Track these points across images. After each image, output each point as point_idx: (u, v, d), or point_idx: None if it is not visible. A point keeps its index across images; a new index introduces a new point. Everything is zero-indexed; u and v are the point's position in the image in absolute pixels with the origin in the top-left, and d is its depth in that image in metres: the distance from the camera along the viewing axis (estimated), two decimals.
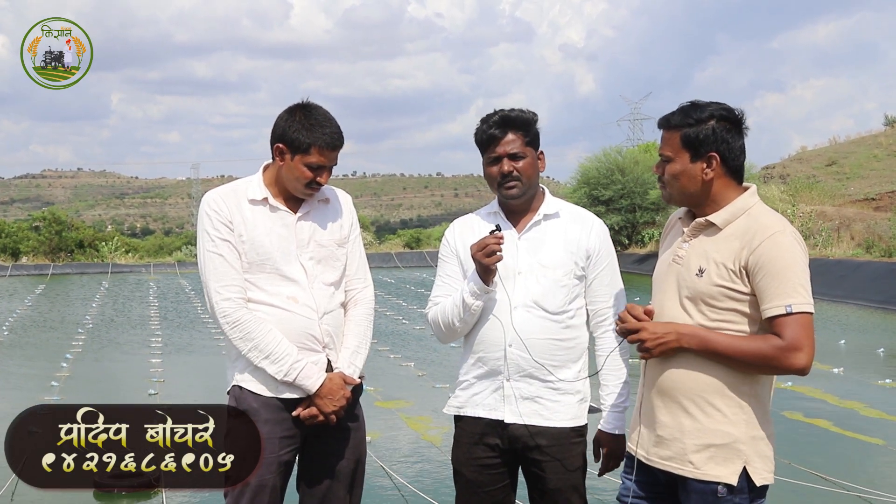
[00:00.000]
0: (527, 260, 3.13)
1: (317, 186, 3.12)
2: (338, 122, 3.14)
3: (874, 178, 38.56)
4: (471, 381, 3.20)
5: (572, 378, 3.12)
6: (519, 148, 3.10)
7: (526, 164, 3.11)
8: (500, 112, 3.14)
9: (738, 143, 2.69)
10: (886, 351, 12.53)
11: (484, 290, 3.04)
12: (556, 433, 3.09)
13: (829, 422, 8.08)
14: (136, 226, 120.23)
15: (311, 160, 3.06)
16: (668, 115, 2.75)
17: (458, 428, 3.25)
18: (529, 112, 3.15)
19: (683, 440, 2.64)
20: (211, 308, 3.11)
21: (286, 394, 3.09)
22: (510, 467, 3.19)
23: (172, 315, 18.24)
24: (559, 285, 3.11)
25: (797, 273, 2.54)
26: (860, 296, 19.58)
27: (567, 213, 3.23)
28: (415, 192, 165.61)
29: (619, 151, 37.69)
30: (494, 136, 3.11)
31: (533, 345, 3.07)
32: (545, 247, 3.15)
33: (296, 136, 3.06)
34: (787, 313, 2.51)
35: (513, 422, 3.09)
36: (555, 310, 3.10)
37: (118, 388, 10.41)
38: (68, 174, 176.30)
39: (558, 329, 3.11)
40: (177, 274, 31.72)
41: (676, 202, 2.78)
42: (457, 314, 3.12)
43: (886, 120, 47.93)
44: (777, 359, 2.53)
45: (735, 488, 2.59)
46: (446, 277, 3.26)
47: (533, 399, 3.10)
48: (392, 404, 9.01)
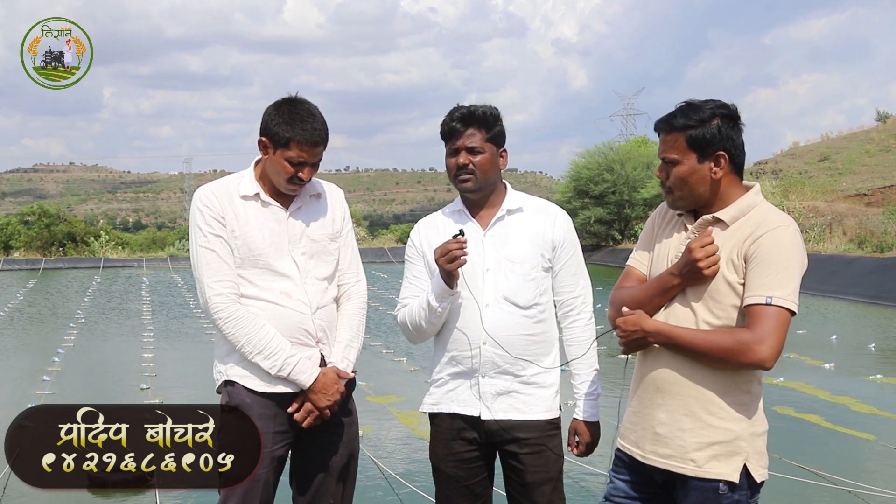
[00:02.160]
0: (493, 256, 3.15)
1: (298, 182, 3.10)
2: (323, 118, 3.12)
3: (866, 174, 38.65)
4: (445, 378, 3.21)
5: (545, 371, 3.14)
6: (478, 143, 3.14)
7: (483, 158, 3.15)
8: (465, 107, 3.18)
9: (740, 139, 2.68)
10: (878, 346, 12.57)
11: (448, 293, 3.06)
12: (533, 426, 3.12)
13: (820, 417, 8.11)
14: (129, 220, 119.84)
15: (290, 155, 3.05)
16: (667, 117, 2.70)
17: (435, 425, 3.26)
18: (493, 109, 3.19)
19: (684, 438, 2.62)
20: (204, 303, 3.10)
21: (279, 389, 3.09)
22: (488, 460, 3.22)
23: (165, 309, 18.21)
24: (528, 279, 3.14)
25: (789, 269, 2.52)
26: (852, 291, 19.65)
27: (530, 206, 3.25)
28: (407, 187, 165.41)
29: (610, 147, 37.75)
30: (455, 129, 3.17)
31: (506, 341, 3.09)
32: (511, 241, 3.17)
33: (277, 130, 3.05)
34: (766, 304, 2.49)
35: (489, 418, 3.11)
36: (525, 304, 3.13)
37: (110, 382, 10.39)
38: (60, 168, 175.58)
39: (530, 324, 3.13)
40: (169, 269, 31.66)
41: (684, 206, 2.73)
42: (423, 316, 3.15)
43: (878, 115, 48.01)
44: (738, 352, 2.49)
45: (736, 485, 2.58)
46: (413, 279, 3.29)
47: (508, 394, 3.12)
48: (383, 399, 9.01)
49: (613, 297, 2.81)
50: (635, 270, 2.86)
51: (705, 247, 2.58)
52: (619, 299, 2.78)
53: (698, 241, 2.60)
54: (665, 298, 2.68)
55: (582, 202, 35.49)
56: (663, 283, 2.68)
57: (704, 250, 2.58)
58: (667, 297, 2.68)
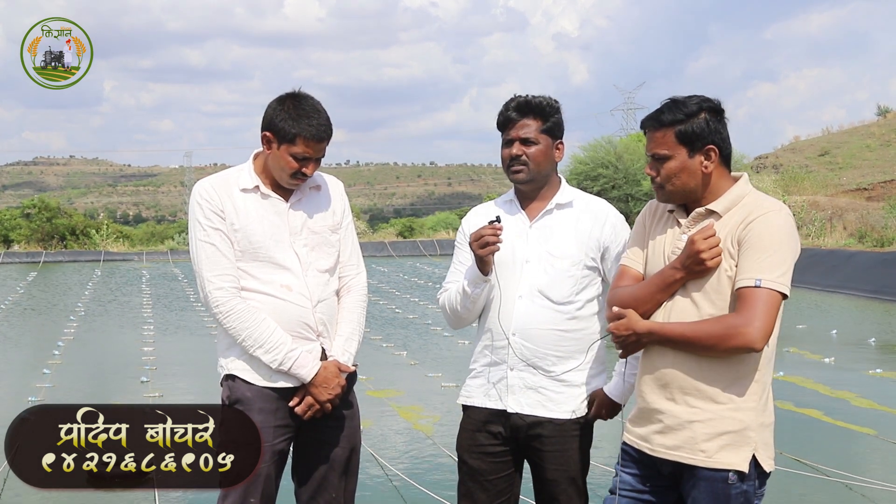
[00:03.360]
0: (536, 248, 3.12)
1: (302, 177, 3.10)
2: (328, 114, 3.11)
3: (867, 168, 38.65)
4: (478, 369, 3.21)
5: (575, 369, 3.10)
6: (532, 133, 3.10)
7: (537, 150, 3.10)
8: (522, 97, 3.14)
9: (726, 132, 2.71)
10: (878, 341, 12.57)
11: (481, 279, 3.04)
12: (557, 424, 3.09)
13: (820, 411, 8.11)
14: (129, 213, 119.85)
15: (296, 151, 3.05)
16: (654, 114, 2.73)
17: (465, 416, 3.25)
18: (552, 100, 3.14)
19: (693, 428, 2.62)
20: (204, 297, 3.10)
21: (280, 383, 3.09)
22: (514, 457, 3.19)
23: (165, 303, 18.22)
24: (567, 275, 3.10)
25: (780, 251, 2.54)
26: (852, 286, 19.65)
27: (581, 203, 3.21)
28: (408, 182, 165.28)
29: (609, 141, 37.70)
30: (511, 118, 3.12)
31: (535, 335, 3.07)
32: (555, 236, 3.14)
33: (282, 125, 3.04)
34: (756, 286, 2.50)
35: (515, 411, 3.10)
36: (560, 300, 3.09)
37: (110, 375, 10.40)
38: (60, 161, 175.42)
39: (563, 319, 3.09)
40: (169, 262, 31.66)
41: (677, 200, 2.75)
42: (459, 301, 3.16)
43: (879, 110, 48.02)
44: (726, 336, 2.51)
45: (745, 475, 2.59)
46: (458, 264, 3.27)
47: (536, 389, 3.09)
48: (384, 393, 9.01)
49: (611, 298, 2.81)
50: (630, 269, 2.85)
51: (708, 238, 2.59)
52: (618, 299, 2.78)
53: (701, 234, 2.61)
54: (668, 294, 2.69)
55: None
56: (665, 278, 2.68)
57: (707, 242, 2.59)
58: (669, 291, 2.68)
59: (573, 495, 3.13)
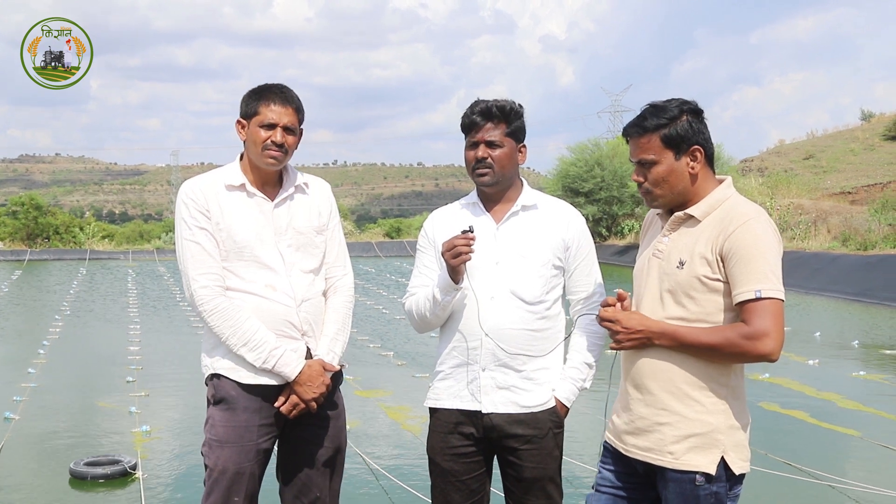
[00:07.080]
0: (505, 250, 3.15)
1: (274, 148, 3.10)
2: (297, 94, 3.17)
3: (850, 172, 38.88)
4: (447, 371, 3.21)
5: (542, 368, 3.14)
6: (497, 137, 3.12)
7: (502, 153, 3.13)
8: (486, 101, 3.16)
9: (707, 132, 2.74)
10: (861, 343, 12.65)
11: (452, 287, 3.06)
12: (533, 420, 3.12)
13: (805, 413, 8.15)
14: (115, 212, 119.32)
15: (262, 119, 3.09)
16: (637, 120, 2.74)
17: (434, 418, 3.26)
18: (516, 104, 3.17)
19: (662, 431, 2.66)
20: (189, 296, 3.10)
21: (265, 380, 3.09)
22: (485, 456, 3.21)
23: (150, 302, 18.15)
24: (537, 275, 3.14)
25: (768, 260, 2.56)
26: (836, 288, 19.76)
27: (545, 204, 3.25)
28: (395, 182, 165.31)
29: (596, 143, 37.79)
30: (475, 122, 3.14)
31: (507, 335, 3.09)
32: (523, 237, 3.17)
33: (247, 104, 3.14)
34: (757, 298, 2.53)
35: (490, 412, 3.11)
36: (531, 300, 3.13)
37: (96, 374, 10.34)
38: (46, 159, 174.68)
39: (533, 319, 3.13)
40: (155, 261, 31.53)
41: (665, 204, 2.77)
42: (428, 307, 3.16)
43: (863, 115, 48.38)
44: (744, 346, 2.54)
45: (713, 477, 2.61)
46: (423, 268, 3.28)
47: (508, 388, 3.11)
48: (371, 393, 9.00)
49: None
50: None
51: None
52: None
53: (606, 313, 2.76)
54: None
55: (573, 201, 35.53)
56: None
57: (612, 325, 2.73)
58: None
59: (552, 492, 3.17)
